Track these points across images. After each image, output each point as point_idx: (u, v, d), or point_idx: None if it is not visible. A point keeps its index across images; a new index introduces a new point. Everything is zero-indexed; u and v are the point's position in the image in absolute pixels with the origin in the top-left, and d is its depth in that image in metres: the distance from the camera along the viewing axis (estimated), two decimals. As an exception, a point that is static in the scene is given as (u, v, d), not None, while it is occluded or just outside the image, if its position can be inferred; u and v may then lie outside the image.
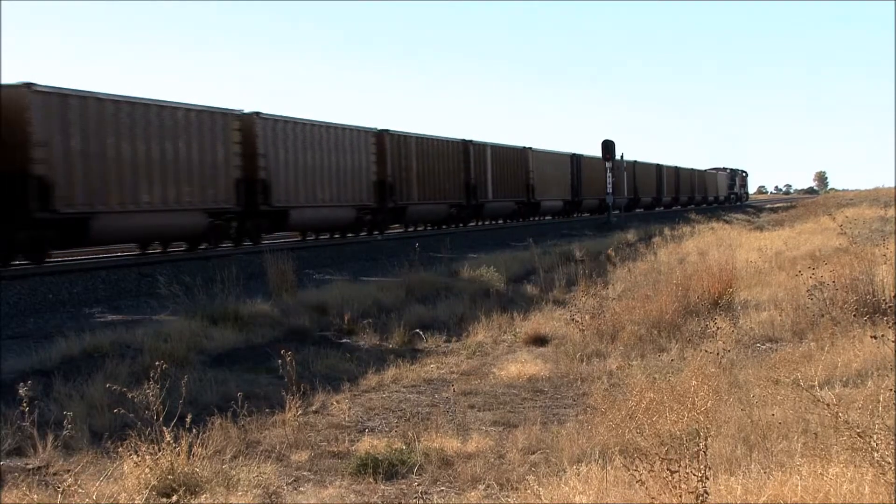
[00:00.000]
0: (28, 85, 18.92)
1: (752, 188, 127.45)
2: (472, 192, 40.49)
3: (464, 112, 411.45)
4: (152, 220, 22.35)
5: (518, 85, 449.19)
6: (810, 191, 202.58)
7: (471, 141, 41.01)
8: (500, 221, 45.49)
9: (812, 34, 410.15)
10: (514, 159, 45.87)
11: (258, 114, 26.41)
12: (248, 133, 25.66)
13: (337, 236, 31.42)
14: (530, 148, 47.97)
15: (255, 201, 25.69)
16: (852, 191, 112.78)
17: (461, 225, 40.50)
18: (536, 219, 49.22)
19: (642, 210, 65.87)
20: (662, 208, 71.59)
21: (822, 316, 9.89)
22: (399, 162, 34.12)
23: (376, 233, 32.84)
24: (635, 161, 65.25)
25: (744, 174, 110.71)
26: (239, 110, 25.85)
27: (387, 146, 33.24)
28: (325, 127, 29.82)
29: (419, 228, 37.41)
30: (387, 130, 33.82)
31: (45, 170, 18.84)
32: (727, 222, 41.01)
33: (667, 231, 31.66)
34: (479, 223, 43.12)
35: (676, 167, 79.54)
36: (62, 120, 19.48)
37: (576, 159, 54.02)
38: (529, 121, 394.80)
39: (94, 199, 20.25)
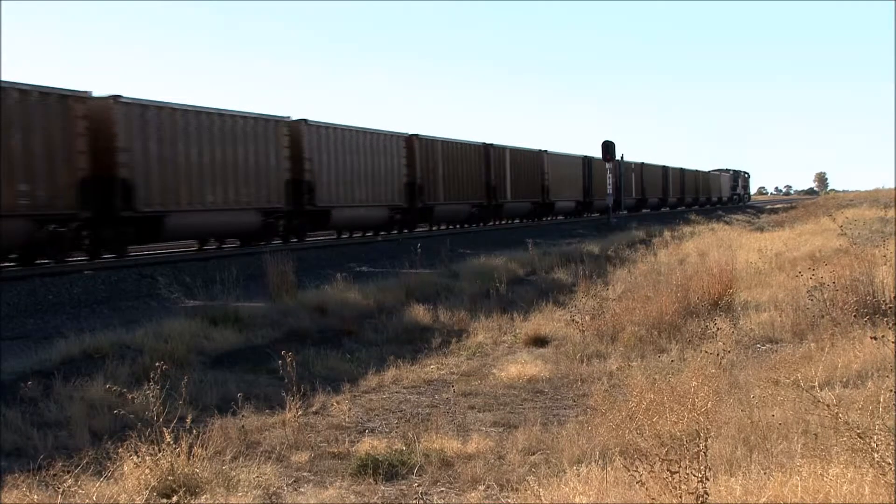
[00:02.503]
0: (114, 97, 21.34)
1: (752, 189, 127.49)
2: (492, 192, 42.28)
3: (468, 113, 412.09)
4: (215, 218, 24.57)
5: (529, 88, 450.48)
6: (810, 192, 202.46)
7: (491, 144, 42.79)
8: (517, 221, 47.06)
9: (812, 35, 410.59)
10: (531, 162, 47.58)
11: (304, 121, 28.49)
12: (295, 138, 27.83)
13: (370, 234, 32.93)
14: (545, 151, 49.65)
15: (301, 201, 27.77)
16: (852, 192, 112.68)
17: (482, 224, 42.28)
18: (550, 218, 50.95)
19: (649, 210, 66.65)
20: (668, 209, 72.27)
21: (823, 317, 9.89)
22: (427, 164, 35.97)
23: (405, 230, 34.62)
24: (643, 163, 66.38)
25: (746, 175, 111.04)
26: (288, 117, 27.98)
27: (416, 150, 35.14)
28: (362, 132, 31.84)
29: (442, 227, 39.04)
30: (416, 135, 35.54)
31: (128, 173, 21.26)
32: (727, 223, 41.04)
33: (667, 232, 31.72)
34: (498, 222, 44.66)
35: (682, 169, 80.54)
36: (141, 128, 21.80)
37: (587, 162, 55.43)
38: (540, 123, 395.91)
39: (167, 199, 22.52)
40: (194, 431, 6.02)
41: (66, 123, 19.67)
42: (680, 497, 4.37)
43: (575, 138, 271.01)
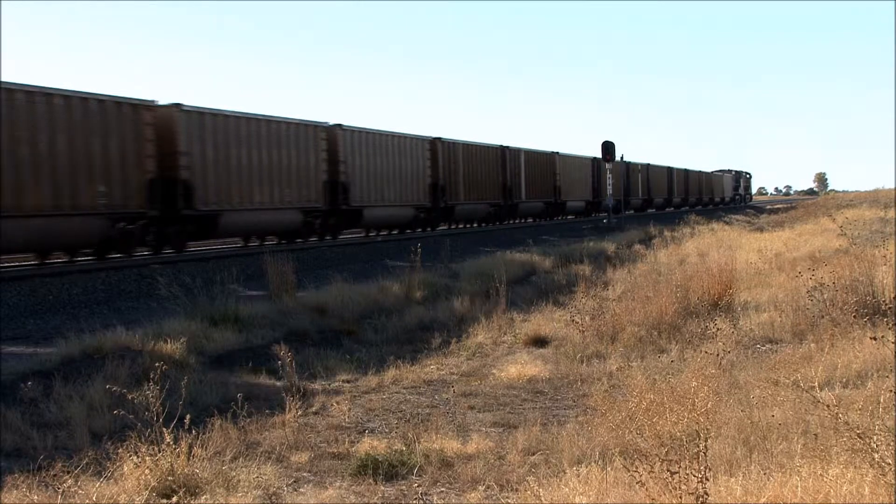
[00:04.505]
0: (177, 105, 23.30)
1: (752, 189, 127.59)
2: (508, 193, 43.99)
3: (471, 112, 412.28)
4: (262, 216, 26.58)
5: (533, 88, 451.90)
6: (810, 192, 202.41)
7: (507, 146, 44.38)
8: (531, 220, 48.55)
9: (812, 36, 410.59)
10: (544, 163, 49.13)
11: (340, 125, 30.42)
12: (331, 142, 29.79)
13: (395, 232, 34.55)
14: (557, 153, 51.21)
15: (337, 201, 29.70)
16: (852, 192, 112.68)
17: (498, 223, 43.90)
18: (561, 218, 52.45)
19: (654, 210, 67.54)
20: (672, 209, 73.13)
21: (822, 317, 9.89)
22: (448, 166, 37.88)
23: (428, 228, 36.51)
24: (648, 164, 67.88)
25: (748, 176, 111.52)
26: (325, 122, 29.97)
27: (439, 152, 37.06)
28: (390, 136, 33.66)
29: (461, 226, 41.13)
30: (439, 138, 37.46)
31: (188, 175, 23.19)
32: (727, 223, 41.02)
33: (667, 232, 31.71)
34: (513, 221, 46.07)
35: (686, 170, 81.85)
36: (200, 133, 23.78)
37: (596, 163, 56.50)
38: (544, 123, 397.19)
39: (221, 199, 24.43)
40: (194, 432, 6.02)
41: (138, 130, 21.75)
42: (680, 497, 4.37)
43: (580, 139, 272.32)
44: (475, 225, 42.46)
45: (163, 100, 23.23)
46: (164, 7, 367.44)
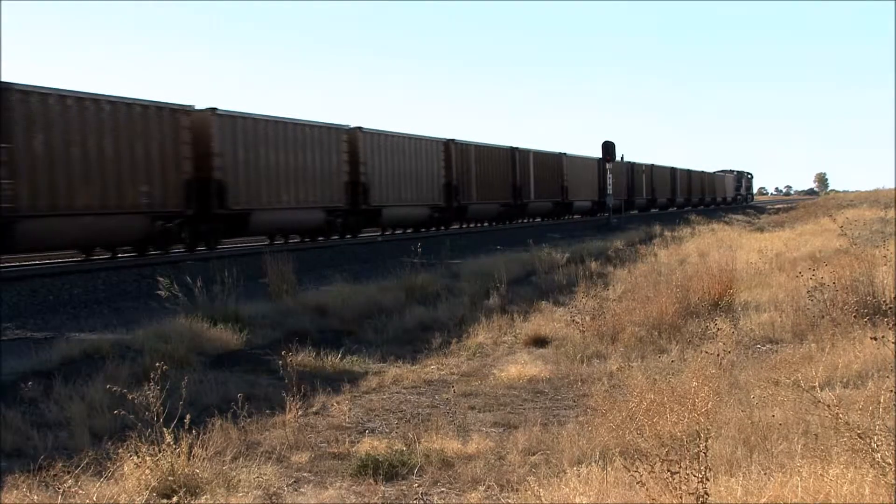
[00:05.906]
0: (211, 109, 24.79)
1: (753, 189, 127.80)
2: (517, 193, 45.23)
3: (475, 112, 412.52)
4: (288, 215, 28.03)
5: (536, 89, 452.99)
6: (810, 192, 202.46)
7: (517, 148, 45.66)
8: (539, 219, 49.80)
9: (813, 36, 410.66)
10: (552, 164, 50.41)
11: (360, 128, 31.86)
12: (352, 144, 31.20)
13: (409, 231, 35.70)
14: (565, 154, 52.47)
15: (357, 201, 31.17)
16: (852, 192, 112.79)
17: (508, 222, 45.18)
18: (568, 217, 53.64)
19: (658, 210, 68.17)
20: (676, 209, 73.73)
21: (823, 317, 9.88)
22: (461, 167, 39.16)
23: (441, 227, 37.97)
24: (652, 165, 68.93)
25: (749, 176, 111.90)
26: (346, 125, 31.40)
27: (452, 153, 38.29)
28: (407, 138, 35.21)
29: (472, 225, 42.71)
30: (452, 140, 38.78)
31: (221, 175, 24.67)
32: (727, 223, 41.00)
33: (668, 232, 31.72)
34: (523, 220, 47.18)
35: (689, 170, 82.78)
36: (232, 136, 25.19)
37: (602, 163, 56.48)
38: (543, 123, 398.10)
39: (251, 199, 25.91)
40: (194, 432, 6.01)
41: (176, 133, 23.19)
42: (680, 497, 4.37)
43: (587, 140, 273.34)
44: (486, 224, 43.59)
45: (177, 102, 24.03)
46: (171, 7, 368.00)
